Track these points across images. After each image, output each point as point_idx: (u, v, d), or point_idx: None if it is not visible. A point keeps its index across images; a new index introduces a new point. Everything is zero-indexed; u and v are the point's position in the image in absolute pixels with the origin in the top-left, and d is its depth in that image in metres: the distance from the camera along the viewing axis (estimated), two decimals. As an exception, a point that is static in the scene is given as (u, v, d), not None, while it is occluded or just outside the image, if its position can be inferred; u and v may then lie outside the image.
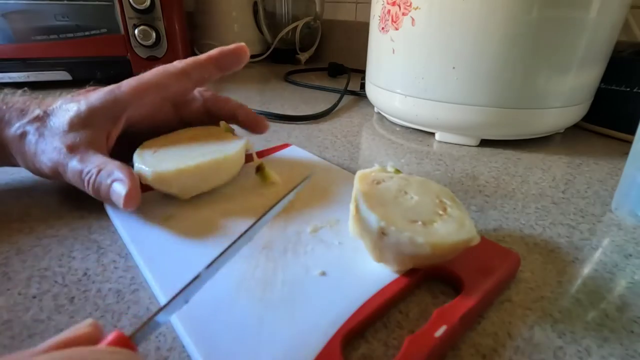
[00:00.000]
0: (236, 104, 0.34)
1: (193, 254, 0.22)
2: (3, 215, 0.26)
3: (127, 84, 0.28)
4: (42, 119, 0.26)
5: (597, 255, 0.25)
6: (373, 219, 0.18)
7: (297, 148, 0.38)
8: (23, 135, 0.25)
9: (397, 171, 0.24)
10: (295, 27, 0.87)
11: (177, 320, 0.17)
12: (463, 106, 0.39)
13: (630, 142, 0.28)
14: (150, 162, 0.26)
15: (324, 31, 0.94)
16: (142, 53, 0.63)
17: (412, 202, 0.21)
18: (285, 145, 0.38)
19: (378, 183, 0.22)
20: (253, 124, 0.34)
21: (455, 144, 0.43)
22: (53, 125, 0.25)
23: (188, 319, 0.17)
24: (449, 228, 0.19)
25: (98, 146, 0.26)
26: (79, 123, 0.25)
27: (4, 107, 0.26)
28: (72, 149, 0.24)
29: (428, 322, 0.17)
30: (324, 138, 0.44)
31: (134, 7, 0.59)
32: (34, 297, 0.19)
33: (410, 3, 0.38)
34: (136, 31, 0.61)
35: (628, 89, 0.44)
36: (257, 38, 0.93)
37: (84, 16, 0.58)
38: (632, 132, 0.28)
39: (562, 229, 0.27)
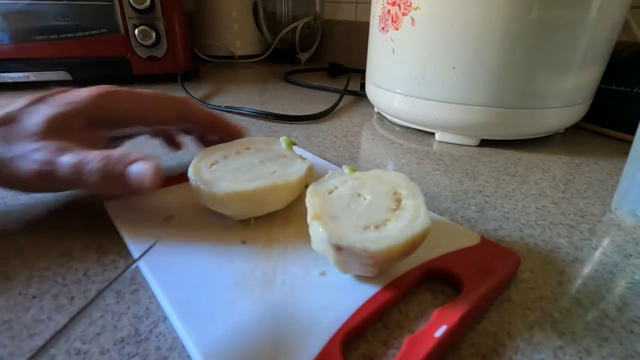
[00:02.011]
0: (209, 113, 0.30)
1: (193, 254, 0.22)
2: (3, 215, 0.26)
3: (123, 94, 0.26)
4: (4, 123, 0.22)
5: (597, 255, 0.25)
6: (325, 237, 0.18)
7: (297, 148, 0.38)
8: None
9: (352, 170, 0.24)
10: (295, 27, 0.87)
11: (177, 321, 0.17)
12: (463, 106, 0.39)
13: (630, 142, 0.28)
14: (207, 179, 0.23)
15: (324, 31, 0.94)
16: (142, 53, 0.63)
17: (365, 205, 0.20)
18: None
19: (330, 192, 0.22)
20: (229, 135, 0.31)
21: (455, 144, 0.43)
22: (23, 128, 0.22)
23: (188, 319, 0.17)
24: (402, 224, 0.19)
25: (89, 145, 0.23)
26: (60, 126, 0.23)
27: None
28: (58, 147, 0.21)
29: (428, 322, 0.17)
30: (324, 138, 0.44)
31: (134, 7, 0.59)
32: (34, 297, 0.19)
33: (410, 3, 0.38)
34: (136, 31, 0.61)
35: (628, 89, 0.44)
36: (257, 38, 0.93)
37: (84, 16, 0.58)
38: (632, 132, 0.28)
39: (562, 229, 0.27)
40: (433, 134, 0.45)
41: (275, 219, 0.25)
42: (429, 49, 0.39)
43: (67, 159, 0.21)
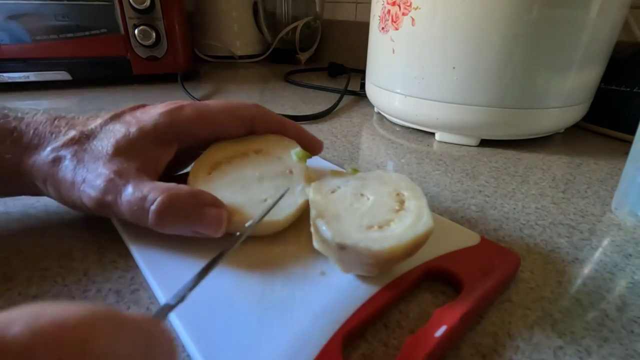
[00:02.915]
0: (282, 121, 0.27)
1: (192, 255, 0.22)
2: (3, 216, 0.26)
3: (191, 110, 0.24)
4: (79, 141, 0.22)
5: (597, 255, 0.25)
6: (329, 235, 0.18)
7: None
8: (57, 161, 0.21)
9: (355, 170, 0.24)
10: (295, 27, 0.87)
11: (177, 320, 0.17)
12: (463, 106, 0.39)
13: (630, 142, 0.28)
14: (204, 189, 0.22)
15: (324, 31, 0.94)
16: (142, 53, 0.63)
17: (368, 205, 0.21)
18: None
19: (333, 192, 0.22)
20: (306, 145, 0.27)
21: (455, 144, 0.43)
22: (94, 148, 0.22)
23: (188, 319, 0.17)
24: (406, 225, 0.19)
25: (147, 173, 0.22)
26: (127, 147, 0.22)
27: (24, 129, 0.22)
28: (121, 175, 0.20)
29: (428, 322, 0.17)
30: (324, 138, 0.44)
31: (134, 7, 0.59)
32: (34, 297, 0.19)
33: (410, 3, 0.38)
34: (136, 31, 0.61)
35: (628, 89, 0.44)
36: (257, 38, 0.93)
37: (84, 16, 0.58)
38: (632, 132, 0.28)
39: (562, 229, 0.27)
40: (433, 134, 0.45)
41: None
42: (429, 49, 0.39)
43: (129, 193, 0.20)
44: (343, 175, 0.24)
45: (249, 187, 0.23)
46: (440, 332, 0.17)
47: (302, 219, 0.25)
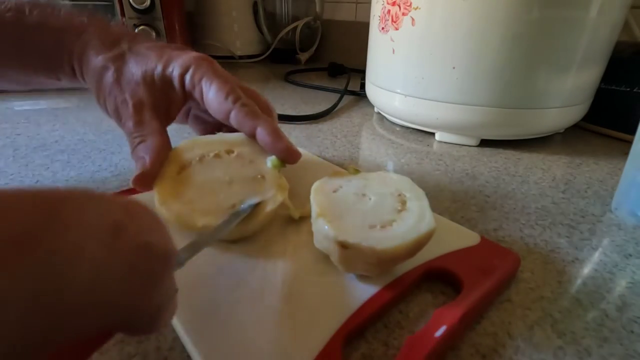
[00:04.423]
0: (255, 126, 0.25)
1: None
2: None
3: (213, 69, 0.26)
4: (123, 58, 0.26)
5: (597, 255, 0.25)
6: (332, 234, 0.18)
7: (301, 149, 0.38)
8: (103, 69, 0.25)
9: (356, 171, 0.24)
10: (295, 27, 0.87)
11: (177, 320, 0.17)
12: (463, 106, 0.39)
13: (630, 142, 0.28)
14: (169, 192, 0.22)
15: (324, 31, 0.94)
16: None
17: (371, 205, 0.21)
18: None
19: (335, 191, 0.22)
20: (279, 154, 0.25)
21: (455, 144, 0.43)
22: (129, 70, 0.25)
23: (188, 318, 0.17)
24: (408, 225, 0.19)
25: (167, 110, 0.26)
26: (151, 80, 0.25)
27: (96, 31, 0.26)
28: (135, 108, 0.25)
29: (428, 322, 0.17)
30: (324, 138, 0.44)
31: (134, 7, 0.59)
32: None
33: (410, 3, 0.38)
34: (136, 31, 0.61)
35: (628, 89, 0.44)
36: (257, 38, 0.93)
37: (84, 16, 0.58)
38: (632, 132, 0.28)
39: (562, 229, 0.27)
40: (433, 134, 0.45)
41: (275, 219, 0.25)
42: (429, 49, 0.39)
43: (129, 125, 0.24)
44: (344, 175, 0.24)
45: (218, 191, 0.23)
46: (440, 332, 0.17)
47: (302, 219, 0.25)
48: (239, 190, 0.23)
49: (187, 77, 0.25)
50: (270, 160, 0.25)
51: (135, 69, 0.25)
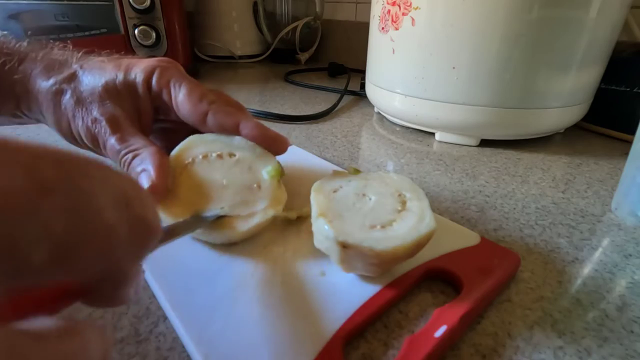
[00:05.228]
0: (237, 123, 0.24)
1: (192, 255, 0.22)
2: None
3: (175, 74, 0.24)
4: (76, 78, 0.23)
5: (597, 255, 0.25)
6: (332, 234, 0.18)
7: (297, 148, 0.38)
8: (58, 93, 0.23)
9: (356, 171, 0.24)
10: (295, 27, 0.87)
11: (177, 321, 0.17)
12: (463, 106, 0.39)
13: (630, 142, 0.28)
14: (172, 188, 0.22)
15: (324, 31, 0.93)
16: (142, 53, 0.63)
17: (371, 205, 0.21)
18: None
19: (335, 191, 0.22)
20: (268, 145, 0.25)
21: (455, 144, 0.43)
22: (87, 87, 0.23)
23: (188, 319, 0.17)
24: (408, 225, 0.19)
25: (138, 121, 0.24)
26: (115, 90, 0.23)
27: (39, 56, 0.24)
28: (112, 124, 0.22)
29: (428, 322, 0.17)
30: (324, 138, 0.44)
31: (134, 7, 0.59)
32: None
33: (410, 3, 0.38)
34: (136, 31, 0.61)
35: (628, 89, 0.44)
36: (257, 38, 0.93)
37: (84, 16, 0.58)
38: (632, 132, 0.28)
39: (562, 229, 0.27)
40: (433, 134, 0.45)
41: (275, 220, 0.25)
42: (429, 49, 0.39)
43: (112, 144, 0.22)
44: (344, 175, 0.24)
45: (211, 193, 0.23)
46: (440, 332, 0.17)
47: (302, 219, 0.25)
48: (231, 196, 0.23)
49: (153, 81, 0.24)
50: (267, 171, 0.24)
51: (93, 83, 0.23)
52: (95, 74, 0.24)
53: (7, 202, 0.07)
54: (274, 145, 0.24)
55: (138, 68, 0.24)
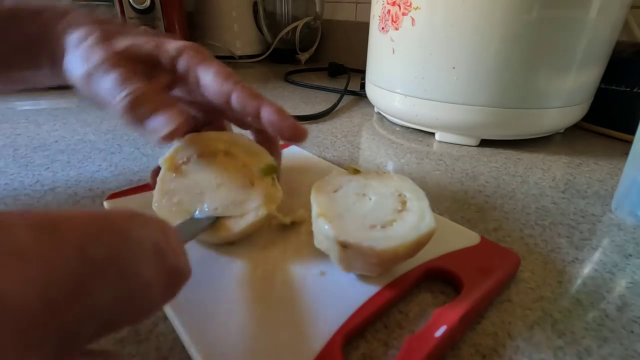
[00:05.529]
0: (259, 106, 0.23)
1: (192, 255, 0.22)
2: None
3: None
4: (111, 30, 0.24)
5: (597, 255, 0.25)
6: (332, 233, 0.18)
7: (297, 148, 0.38)
8: (88, 32, 0.23)
9: (357, 171, 0.24)
10: (295, 27, 0.87)
11: (177, 321, 0.17)
12: (463, 106, 0.39)
13: (630, 142, 0.28)
14: (166, 188, 0.22)
15: (324, 31, 0.93)
16: (142, 53, 0.63)
17: (371, 205, 0.21)
18: (285, 146, 0.38)
19: (335, 191, 0.22)
20: (285, 131, 0.23)
21: (455, 144, 0.43)
22: (116, 41, 0.23)
23: (188, 319, 0.17)
24: (409, 225, 0.19)
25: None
26: (138, 54, 0.23)
27: (80, 12, 0.24)
28: (119, 63, 0.21)
29: (428, 322, 0.17)
30: (324, 138, 0.44)
31: (134, 7, 0.59)
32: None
33: (410, 3, 0.38)
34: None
35: (628, 89, 0.44)
36: (257, 38, 0.93)
37: (84, 16, 0.58)
38: (632, 132, 0.28)
39: (562, 229, 0.27)
40: (433, 134, 0.45)
41: (271, 219, 0.25)
42: (429, 49, 0.39)
43: (114, 77, 0.21)
44: (344, 175, 0.24)
45: (205, 193, 0.22)
46: (440, 332, 0.17)
47: (298, 223, 0.25)
48: (224, 196, 0.22)
49: (182, 61, 0.24)
50: (261, 169, 0.24)
51: (122, 42, 0.23)
52: (128, 37, 0.23)
53: (65, 284, 0.08)
54: (292, 133, 0.24)
55: (169, 46, 0.24)
